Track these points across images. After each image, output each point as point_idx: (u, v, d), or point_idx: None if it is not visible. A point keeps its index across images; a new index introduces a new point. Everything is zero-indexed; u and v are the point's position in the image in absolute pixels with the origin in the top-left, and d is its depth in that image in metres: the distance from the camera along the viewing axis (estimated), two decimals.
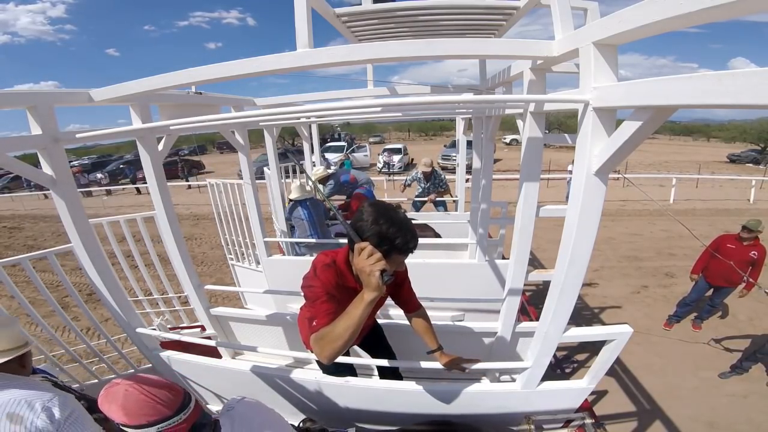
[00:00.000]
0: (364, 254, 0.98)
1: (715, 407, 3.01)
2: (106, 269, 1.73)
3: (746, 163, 20.45)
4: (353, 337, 1.01)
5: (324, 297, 1.15)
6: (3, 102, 1.26)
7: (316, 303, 1.15)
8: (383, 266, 0.97)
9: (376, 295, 0.97)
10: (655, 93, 0.71)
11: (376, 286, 0.96)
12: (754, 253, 3.54)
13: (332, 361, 1.05)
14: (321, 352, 1.04)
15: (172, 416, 0.90)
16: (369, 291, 0.97)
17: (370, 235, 1.05)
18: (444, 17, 1.72)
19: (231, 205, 3.31)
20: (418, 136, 40.60)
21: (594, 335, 1.42)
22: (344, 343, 1.00)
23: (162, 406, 0.90)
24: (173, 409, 0.91)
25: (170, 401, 0.92)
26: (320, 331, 1.07)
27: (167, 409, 0.90)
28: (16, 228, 10.55)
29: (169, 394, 0.93)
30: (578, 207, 1.01)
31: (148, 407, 0.88)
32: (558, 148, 17.96)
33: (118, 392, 0.89)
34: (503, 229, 3.08)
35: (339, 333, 1.00)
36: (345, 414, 1.74)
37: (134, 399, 0.88)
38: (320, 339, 1.05)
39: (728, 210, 9.39)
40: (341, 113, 2.07)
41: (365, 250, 0.99)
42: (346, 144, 19.92)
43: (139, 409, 0.88)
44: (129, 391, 0.89)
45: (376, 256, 0.98)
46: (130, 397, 0.88)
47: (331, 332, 1.03)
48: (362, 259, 0.98)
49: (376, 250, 1.00)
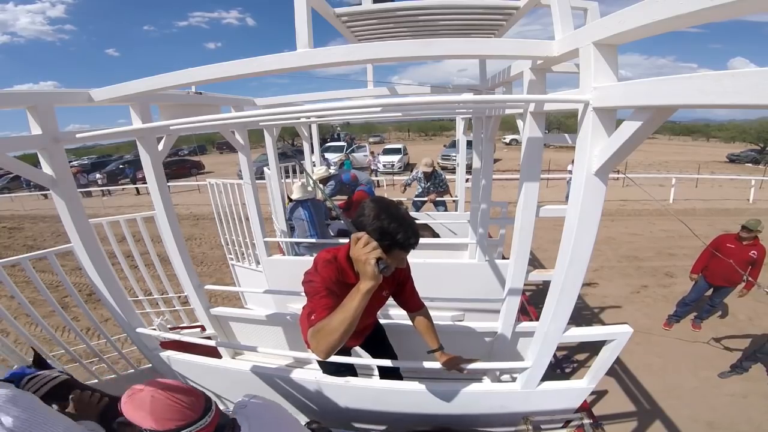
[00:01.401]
0: (360, 243, 0.99)
1: (715, 407, 3.01)
2: (106, 269, 1.73)
3: (746, 163, 20.46)
4: (349, 330, 0.99)
5: (323, 292, 1.15)
6: (3, 102, 1.26)
7: (315, 298, 1.15)
8: (379, 254, 0.97)
9: (373, 285, 0.97)
10: (655, 93, 0.71)
11: (372, 274, 0.96)
12: (754, 253, 3.54)
13: (329, 356, 1.03)
14: (317, 346, 1.03)
15: (198, 420, 0.91)
16: (365, 280, 0.97)
17: (371, 230, 1.06)
18: (444, 17, 1.72)
19: (231, 205, 3.31)
20: (418, 136, 40.61)
21: (594, 335, 1.42)
22: (340, 336, 0.98)
23: (189, 410, 0.91)
24: (199, 413, 0.92)
25: (195, 405, 0.93)
26: (317, 324, 1.06)
27: (193, 413, 0.91)
28: (16, 228, 10.55)
29: (192, 398, 0.94)
30: (578, 207, 1.01)
31: (175, 412, 0.89)
32: (558, 148, 17.98)
33: (145, 399, 0.89)
34: (503, 229, 3.08)
35: (335, 326, 0.99)
36: (345, 414, 1.74)
37: (162, 404, 0.88)
38: (317, 332, 1.04)
39: (728, 210, 9.38)
40: (341, 113, 2.07)
41: (361, 239, 1.00)
42: (346, 144, 19.91)
43: (168, 414, 0.88)
44: (155, 397, 0.89)
45: (372, 245, 0.99)
46: (158, 403, 0.88)
47: (327, 325, 1.01)
48: (358, 248, 0.99)
49: (372, 240, 1.00)
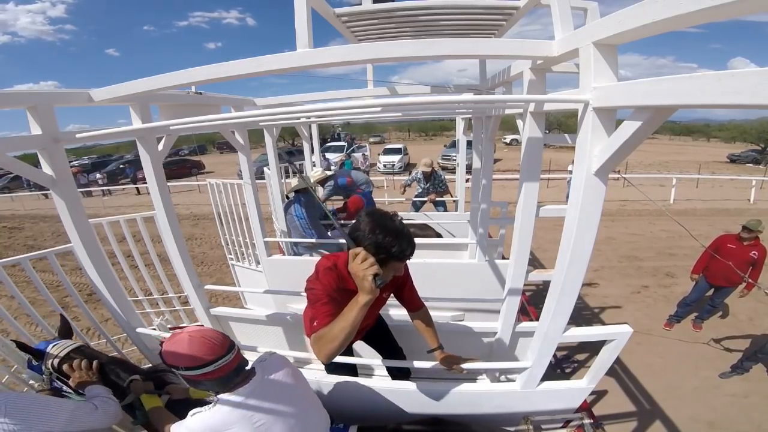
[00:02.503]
0: (358, 259, 1.03)
1: (715, 407, 3.01)
2: (106, 269, 1.73)
3: (746, 163, 20.45)
4: (349, 338, 1.06)
5: (324, 299, 1.20)
6: (3, 102, 1.26)
7: (317, 305, 1.20)
8: (376, 270, 1.01)
9: (370, 299, 1.02)
10: (655, 93, 0.71)
11: (369, 289, 1.01)
12: (755, 253, 3.54)
13: (330, 360, 1.10)
14: (319, 352, 1.10)
15: (225, 355, 1.10)
16: (363, 294, 1.02)
17: (367, 244, 1.10)
18: (444, 17, 1.72)
19: (231, 205, 3.31)
20: (418, 136, 40.61)
21: (594, 335, 1.42)
22: (340, 343, 1.05)
23: (218, 347, 1.09)
24: (225, 349, 1.11)
25: (222, 343, 1.12)
26: (319, 331, 1.12)
27: (221, 349, 1.10)
28: (16, 228, 10.55)
29: (221, 338, 1.13)
30: (578, 207, 1.01)
31: (207, 347, 1.07)
32: (558, 148, 17.95)
33: (183, 339, 1.08)
34: (503, 229, 3.08)
35: (335, 334, 1.05)
36: (345, 413, 1.74)
37: (197, 342, 1.07)
38: (318, 339, 1.11)
39: (728, 210, 9.38)
40: (341, 113, 2.07)
41: (359, 255, 1.03)
42: (346, 144, 19.90)
43: (202, 350, 1.07)
44: (193, 336, 1.09)
45: (369, 261, 1.02)
46: (194, 341, 1.07)
47: (328, 333, 1.08)
48: (356, 264, 1.03)
49: (370, 255, 1.04)
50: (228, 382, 1.11)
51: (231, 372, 1.11)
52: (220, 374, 1.08)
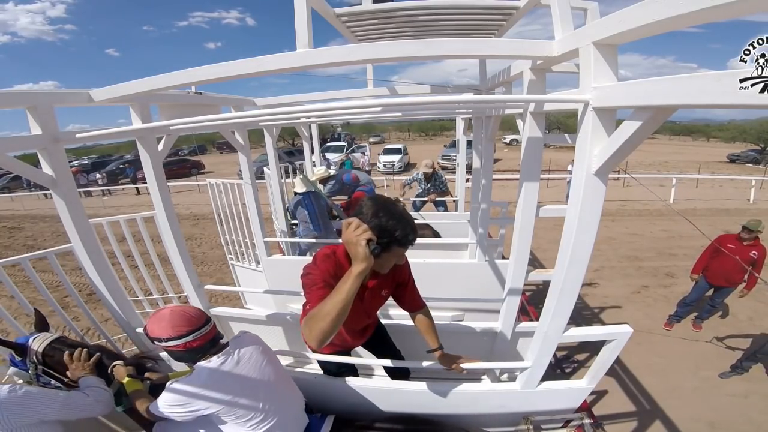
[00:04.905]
0: (351, 227, 1.01)
1: (715, 407, 3.01)
2: (106, 269, 1.73)
3: (746, 163, 20.44)
4: (342, 316, 0.98)
5: (320, 284, 1.15)
6: (3, 102, 1.26)
7: (313, 289, 1.15)
8: (369, 236, 0.99)
9: (365, 267, 0.97)
10: (655, 93, 0.71)
11: (363, 256, 0.97)
12: (754, 253, 3.54)
13: (322, 345, 1.00)
14: (309, 333, 1.00)
15: (201, 326, 1.24)
16: (357, 263, 0.98)
17: (370, 227, 1.06)
18: (444, 17, 1.72)
19: (231, 205, 3.31)
20: (418, 136, 40.58)
21: (594, 335, 1.42)
22: (332, 320, 0.96)
23: (195, 319, 1.25)
24: (202, 322, 1.26)
25: (199, 317, 1.27)
26: (310, 312, 1.04)
27: (198, 321, 1.25)
28: (16, 228, 10.55)
29: (198, 312, 1.29)
30: (578, 207, 1.01)
31: (185, 320, 1.22)
32: (558, 148, 17.95)
33: (165, 312, 1.24)
34: (503, 229, 3.08)
35: (327, 310, 0.97)
36: (345, 413, 1.73)
37: (177, 315, 1.23)
38: (309, 319, 1.02)
39: (728, 210, 9.38)
40: (341, 113, 2.07)
41: (352, 223, 1.01)
42: (346, 144, 19.90)
43: (181, 322, 1.21)
44: (174, 310, 1.25)
45: (362, 227, 1.00)
46: (174, 314, 1.23)
47: (320, 310, 0.99)
48: (349, 232, 1.00)
49: (363, 223, 1.02)
50: (205, 352, 1.25)
51: (208, 342, 1.26)
52: (199, 343, 1.23)
